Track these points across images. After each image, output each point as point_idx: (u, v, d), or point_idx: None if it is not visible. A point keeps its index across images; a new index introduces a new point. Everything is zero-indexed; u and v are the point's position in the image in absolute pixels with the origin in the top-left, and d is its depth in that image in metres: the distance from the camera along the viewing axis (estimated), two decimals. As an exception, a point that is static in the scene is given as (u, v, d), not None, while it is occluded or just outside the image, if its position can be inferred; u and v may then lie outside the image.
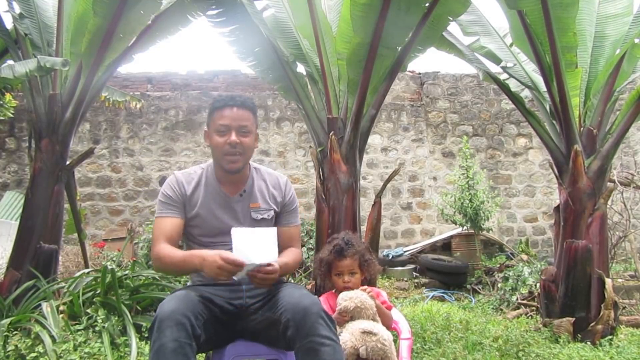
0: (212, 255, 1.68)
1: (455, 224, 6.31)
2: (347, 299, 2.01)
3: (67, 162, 3.67)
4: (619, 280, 4.94)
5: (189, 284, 2.05)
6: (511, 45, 3.93)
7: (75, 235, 4.10)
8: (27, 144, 3.98)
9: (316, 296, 1.87)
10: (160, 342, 1.54)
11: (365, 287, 2.12)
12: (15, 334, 2.78)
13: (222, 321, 1.78)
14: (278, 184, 2.04)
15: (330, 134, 3.44)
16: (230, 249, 1.69)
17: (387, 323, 2.13)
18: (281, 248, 2.03)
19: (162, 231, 1.88)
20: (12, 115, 5.58)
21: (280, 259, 1.78)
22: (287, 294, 1.76)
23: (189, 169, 2.04)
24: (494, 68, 4.20)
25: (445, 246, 6.76)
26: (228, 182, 1.97)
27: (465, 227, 6.23)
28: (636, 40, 3.51)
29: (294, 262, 1.96)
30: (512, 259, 6.21)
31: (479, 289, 5.45)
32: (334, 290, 2.20)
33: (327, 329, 1.63)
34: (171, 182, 1.95)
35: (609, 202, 3.97)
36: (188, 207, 1.93)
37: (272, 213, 2.00)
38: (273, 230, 1.77)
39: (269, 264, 1.68)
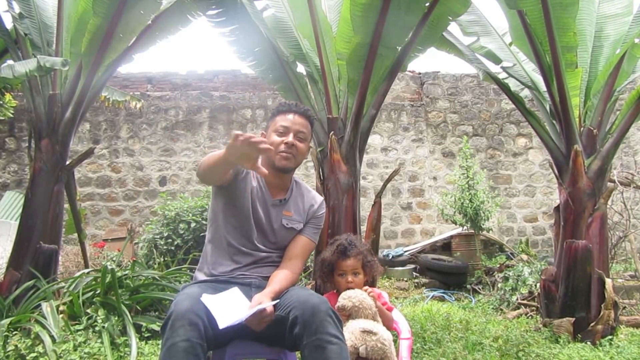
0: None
1: (455, 224, 6.32)
2: (347, 297, 2.02)
3: (67, 162, 3.67)
4: (619, 280, 4.94)
5: (198, 277, 2.03)
6: (510, 44, 3.93)
7: (75, 235, 4.10)
8: (27, 144, 3.97)
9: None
10: (172, 341, 1.54)
11: (367, 287, 2.12)
12: (15, 334, 2.78)
13: None
14: (314, 200, 2.14)
15: (330, 134, 3.43)
16: (248, 229, 1.92)
17: (388, 324, 2.13)
18: (286, 258, 2.02)
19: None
20: (12, 115, 5.58)
21: (275, 285, 1.84)
22: (295, 294, 1.78)
23: None
24: (493, 68, 4.20)
25: (445, 246, 6.76)
26: (272, 186, 2.04)
27: (465, 227, 6.23)
28: (636, 40, 3.51)
29: (290, 283, 1.94)
30: (512, 259, 6.20)
31: (479, 289, 5.44)
32: (335, 291, 2.20)
33: (334, 328, 1.63)
34: None
35: (609, 202, 3.97)
36: (237, 182, 1.97)
37: (301, 225, 2.07)
38: (236, 290, 1.83)
39: (263, 310, 1.69)
